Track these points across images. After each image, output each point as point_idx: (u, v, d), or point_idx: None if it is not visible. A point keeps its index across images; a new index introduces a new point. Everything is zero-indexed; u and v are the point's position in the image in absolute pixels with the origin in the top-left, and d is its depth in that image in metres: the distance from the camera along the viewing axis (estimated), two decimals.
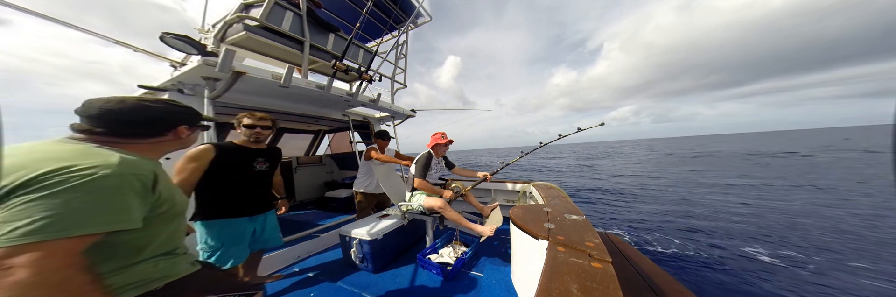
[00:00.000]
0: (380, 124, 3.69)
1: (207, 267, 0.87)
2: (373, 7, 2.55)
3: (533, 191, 2.44)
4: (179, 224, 0.75)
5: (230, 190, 1.34)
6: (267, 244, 1.55)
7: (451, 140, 2.23)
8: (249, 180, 1.41)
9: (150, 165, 0.64)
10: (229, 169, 1.33)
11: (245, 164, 1.39)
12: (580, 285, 0.75)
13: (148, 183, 0.59)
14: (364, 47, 2.48)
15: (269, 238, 1.53)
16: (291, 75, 1.74)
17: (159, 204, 0.64)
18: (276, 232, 1.59)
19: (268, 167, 1.47)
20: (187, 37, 1.44)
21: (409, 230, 2.20)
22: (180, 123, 0.72)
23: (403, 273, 1.83)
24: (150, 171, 0.61)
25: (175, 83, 1.65)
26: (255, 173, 1.42)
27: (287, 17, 1.80)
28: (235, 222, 1.35)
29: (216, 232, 1.30)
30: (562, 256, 0.93)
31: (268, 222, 1.52)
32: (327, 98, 2.29)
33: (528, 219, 1.34)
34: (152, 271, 0.66)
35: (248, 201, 1.40)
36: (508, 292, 1.54)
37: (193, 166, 1.21)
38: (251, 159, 1.41)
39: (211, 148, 1.26)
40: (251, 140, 1.42)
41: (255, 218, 1.43)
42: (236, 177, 1.36)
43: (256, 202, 1.45)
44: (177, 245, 0.74)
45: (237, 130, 1.41)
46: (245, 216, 1.38)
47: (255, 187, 1.44)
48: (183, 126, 0.73)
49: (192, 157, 1.22)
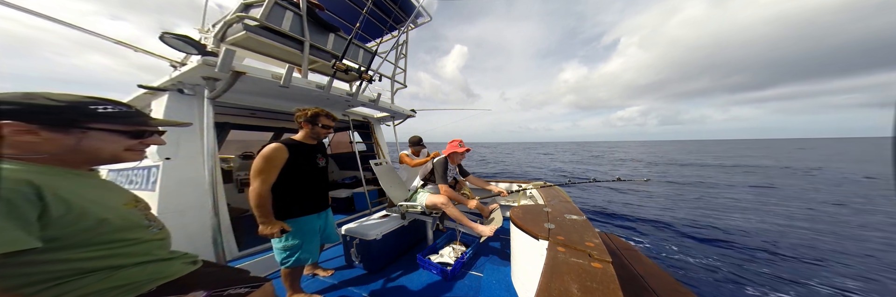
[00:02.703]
0: (380, 124, 3.69)
1: (210, 265, 0.87)
2: (373, 7, 2.55)
3: (533, 191, 2.44)
4: (144, 236, 0.69)
5: (303, 187, 1.36)
6: (328, 240, 1.58)
7: (469, 149, 2.27)
8: (316, 177, 1.43)
9: (21, 172, 0.54)
10: (301, 166, 1.34)
11: (311, 160, 1.40)
12: (580, 285, 0.75)
13: (19, 196, 0.50)
14: (364, 47, 2.48)
15: (330, 234, 1.58)
16: (291, 75, 1.74)
17: (66, 218, 0.55)
18: (335, 228, 1.65)
19: (325, 163, 1.51)
20: (187, 37, 1.44)
21: (409, 230, 2.20)
22: (11, 116, 0.54)
23: (403, 273, 1.82)
24: (20, 181, 0.52)
25: (175, 83, 1.65)
26: (320, 169, 1.45)
27: (287, 16, 1.80)
28: (309, 220, 1.39)
29: (294, 231, 1.31)
30: (562, 256, 0.93)
31: (329, 218, 1.57)
32: (327, 98, 2.29)
33: (528, 219, 1.34)
34: (140, 274, 0.66)
35: (316, 198, 1.43)
36: (508, 292, 1.53)
37: (272, 165, 1.22)
38: (313, 155, 1.42)
39: (283, 147, 1.26)
40: (311, 137, 1.42)
41: (321, 215, 1.47)
42: (306, 175, 1.37)
43: (322, 198, 1.48)
44: (158, 255, 0.72)
45: (303, 127, 1.39)
46: (315, 213, 1.42)
47: (321, 182, 1.46)
48: (8, 120, 0.54)
49: (268, 157, 1.21)
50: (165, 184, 1.60)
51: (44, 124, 0.56)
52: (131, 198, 0.75)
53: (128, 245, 0.65)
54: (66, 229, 0.56)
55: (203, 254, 0.90)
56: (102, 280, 0.60)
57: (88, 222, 0.59)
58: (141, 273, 0.67)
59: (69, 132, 0.59)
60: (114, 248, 0.63)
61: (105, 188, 0.70)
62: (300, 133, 1.42)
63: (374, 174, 3.16)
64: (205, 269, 0.82)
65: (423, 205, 1.96)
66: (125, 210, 0.69)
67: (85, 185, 0.64)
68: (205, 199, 1.55)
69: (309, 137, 1.41)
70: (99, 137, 0.62)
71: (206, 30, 2.34)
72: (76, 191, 0.60)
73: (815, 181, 10.83)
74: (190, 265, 0.80)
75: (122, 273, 0.63)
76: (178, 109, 1.69)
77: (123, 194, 0.74)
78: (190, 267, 0.79)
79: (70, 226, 0.56)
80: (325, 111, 1.40)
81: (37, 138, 0.57)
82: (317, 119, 1.37)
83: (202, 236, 1.56)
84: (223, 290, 0.75)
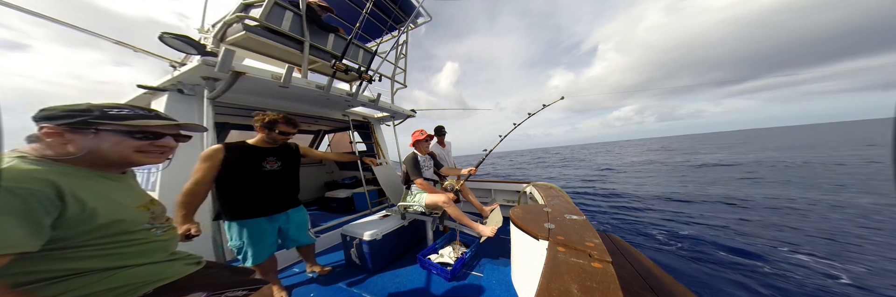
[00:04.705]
0: (380, 124, 3.69)
1: (212, 266, 0.87)
2: (373, 7, 2.55)
3: (533, 191, 2.44)
4: (150, 236, 0.71)
5: (243, 190, 1.35)
6: (295, 242, 1.59)
7: (431, 135, 2.27)
8: (263, 180, 1.40)
9: (46, 173, 0.56)
10: (244, 169, 1.33)
11: (255, 164, 1.38)
12: (580, 285, 0.75)
13: (38, 196, 0.52)
14: (364, 47, 2.48)
15: (295, 236, 1.57)
16: (291, 75, 1.74)
17: (78, 218, 0.57)
18: (304, 230, 1.62)
19: (280, 166, 1.45)
20: (187, 37, 1.44)
21: (409, 231, 2.19)
22: (47, 120, 0.59)
23: (403, 274, 1.82)
24: (41, 180, 0.54)
25: (175, 83, 1.65)
26: (267, 173, 1.40)
27: (287, 16, 1.80)
28: (256, 222, 1.37)
29: (237, 232, 1.34)
30: (562, 256, 0.93)
31: (292, 220, 1.53)
32: (327, 98, 2.29)
33: (528, 219, 1.34)
34: (139, 275, 0.66)
35: (262, 201, 1.39)
36: (508, 292, 1.53)
37: (206, 165, 1.22)
38: (260, 158, 1.39)
39: (220, 148, 1.27)
40: (267, 142, 1.42)
41: (274, 217, 1.44)
42: (247, 177, 1.35)
43: (274, 202, 1.44)
44: (159, 256, 0.72)
45: (259, 131, 1.39)
46: (263, 216, 1.39)
47: (268, 186, 1.41)
48: (46, 123, 0.59)
49: (204, 157, 1.24)
50: (165, 184, 1.59)
51: (67, 126, 0.60)
52: (147, 200, 0.76)
53: (126, 246, 0.66)
54: (75, 230, 0.57)
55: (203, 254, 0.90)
56: (100, 281, 0.60)
57: (97, 223, 0.60)
58: (140, 275, 0.67)
59: (84, 133, 0.61)
60: (113, 248, 0.63)
61: (125, 191, 0.71)
62: (256, 137, 1.42)
63: (374, 174, 3.17)
64: (206, 270, 0.82)
65: (423, 205, 1.96)
66: (135, 212, 0.69)
67: (108, 187, 0.66)
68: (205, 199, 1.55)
69: (264, 141, 1.41)
70: (105, 138, 0.63)
71: (205, 30, 2.34)
72: (96, 192, 0.62)
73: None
74: (192, 266, 0.79)
75: (121, 274, 0.63)
76: (177, 110, 1.69)
77: (141, 196, 0.75)
78: (192, 268, 0.79)
79: (79, 227, 0.57)
80: (285, 117, 1.39)
81: (64, 140, 0.60)
82: (274, 125, 1.37)
83: (202, 237, 1.56)
84: (221, 292, 0.76)
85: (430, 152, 2.44)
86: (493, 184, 3.25)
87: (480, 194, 3.37)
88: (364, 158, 2.06)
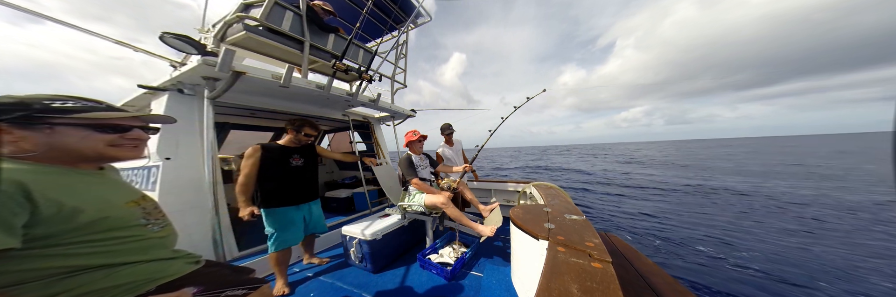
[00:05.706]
0: (380, 124, 3.69)
1: (212, 265, 0.87)
2: (373, 7, 2.55)
3: (533, 191, 2.44)
4: (145, 235, 0.69)
5: (278, 183, 1.60)
6: (315, 230, 1.84)
7: (425, 136, 2.29)
8: (291, 174, 1.66)
9: (12, 173, 0.54)
10: (276, 165, 1.60)
11: (284, 160, 1.64)
12: (580, 285, 0.75)
13: (1, 197, 0.50)
14: (364, 47, 2.48)
15: (316, 224, 1.82)
16: (291, 75, 1.74)
17: (58, 216, 0.55)
18: (322, 220, 1.87)
19: (303, 162, 1.73)
20: (187, 37, 1.44)
21: (409, 230, 2.19)
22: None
23: (403, 273, 1.82)
24: (5, 180, 0.52)
25: (175, 83, 1.65)
26: (294, 168, 1.67)
27: (287, 16, 1.80)
28: (286, 211, 1.61)
29: (271, 219, 1.58)
30: (562, 256, 0.93)
31: (313, 210, 1.79)
32: (327, 98, 2.29)
33: (528, 219, 1.34)
34: (140, 273, 0.66)
35: (291, 192, 1.65)
36: (508, 292, 1.53)
37: (250, 162, 1.51)
38: (288, 156, 1.66)
39: (259, 147, 1.55)
40: (293, 142, 1.71)
41: (300, 207, 1.68)
42: (278, 172, 1.61)
43: (301, 193, 1.70)
44: (159, 254, 0.72)
45: (289, 133, 1.69)
46: (291, 205, 1.64)
47: (297, 179, 1.68)
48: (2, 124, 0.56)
49: (247, 155, 1.52)
50: (165, 184, 1.60)
51: (10, 122, 0.56)
52: (137, 196, 0.74)
53: (122, 243, 0.65)
54: (58, 227, 0.56)
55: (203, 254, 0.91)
56: (100, 279, 0.60)
57: (82, 220, 0.58)
58: (143, 272, 0.66)
59: (36, 129, 0.58)
60: (107, 245, 0.62)
61: (108, 187, 0.69)
62: (285, 137, 1.72)
63: (373, 174, 3.16)
64: (205, 269, 0.82)
65: (423, 205, 1.96)
66: (125, 208, 0.68)
67: (86, 183, 0.64)
68: (205, 199, 1.55)
69: (291, 141, 1.70)
70: (65, 133, 0.60)
71: (206, 30, 2.34)
72: (72, 189, 0.60)
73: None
74: (192, 265, 0.79)
75: (120, 272, 0.63)
76: (178, 110, 1.69)
77: (128, 192, 0.73)
78: (191, 267, 0.79)
79: (62, 224, 0.56)
80: (311, 122, 1.73)
81: (14, 137, 0.57)
82: (301, 128, 1.68)
83: (202, 236, 1.56)
84: (220, 291, 0.75)
85: (438, 153, 2.44)
86: (493, 184, 3.25)
87: (480, 193, 3.37)
88: (364, 158, 2.14)
